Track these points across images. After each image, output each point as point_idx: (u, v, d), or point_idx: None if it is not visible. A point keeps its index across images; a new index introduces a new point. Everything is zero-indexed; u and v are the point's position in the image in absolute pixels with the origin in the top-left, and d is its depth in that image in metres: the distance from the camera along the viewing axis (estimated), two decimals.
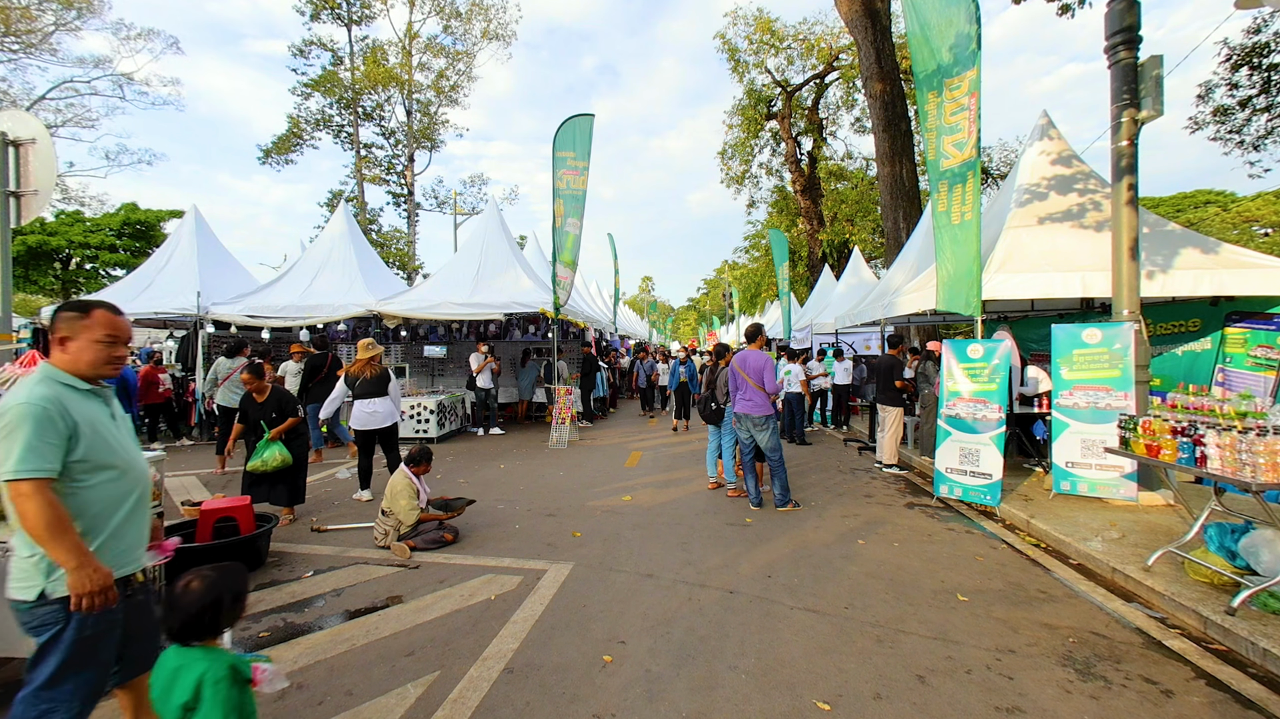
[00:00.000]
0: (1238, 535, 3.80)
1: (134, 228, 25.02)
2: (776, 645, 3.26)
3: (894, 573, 4.31)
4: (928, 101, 6.67)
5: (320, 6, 25.92)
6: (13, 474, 1.76)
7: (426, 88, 28.19)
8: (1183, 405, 4.10)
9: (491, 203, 13.29)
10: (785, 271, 16.77)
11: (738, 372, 6.14)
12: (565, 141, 10.48)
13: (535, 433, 11.38)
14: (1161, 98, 5.44)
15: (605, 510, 5.94)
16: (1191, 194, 36.03)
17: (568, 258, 10.73)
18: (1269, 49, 10.99)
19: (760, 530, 5.36)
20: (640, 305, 66.43)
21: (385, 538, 4.89)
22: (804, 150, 25.99)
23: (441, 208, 30.30)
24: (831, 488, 6.99)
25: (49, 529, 1.78)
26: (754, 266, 32.97)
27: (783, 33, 24.17)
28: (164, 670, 1.64)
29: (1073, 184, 7.35)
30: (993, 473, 5.89)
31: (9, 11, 19.94)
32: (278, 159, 27.32)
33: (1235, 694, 2.79)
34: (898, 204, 12.30)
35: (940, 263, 6.73)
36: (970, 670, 3.00)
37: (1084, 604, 3.80)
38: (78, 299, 2.13)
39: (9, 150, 4.75)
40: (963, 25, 6.04)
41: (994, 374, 6.04)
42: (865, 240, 23.96)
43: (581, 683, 2.90)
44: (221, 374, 8.30)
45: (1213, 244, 6.72)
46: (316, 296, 11.06)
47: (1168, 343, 7.55)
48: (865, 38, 12.78)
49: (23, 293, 24.70)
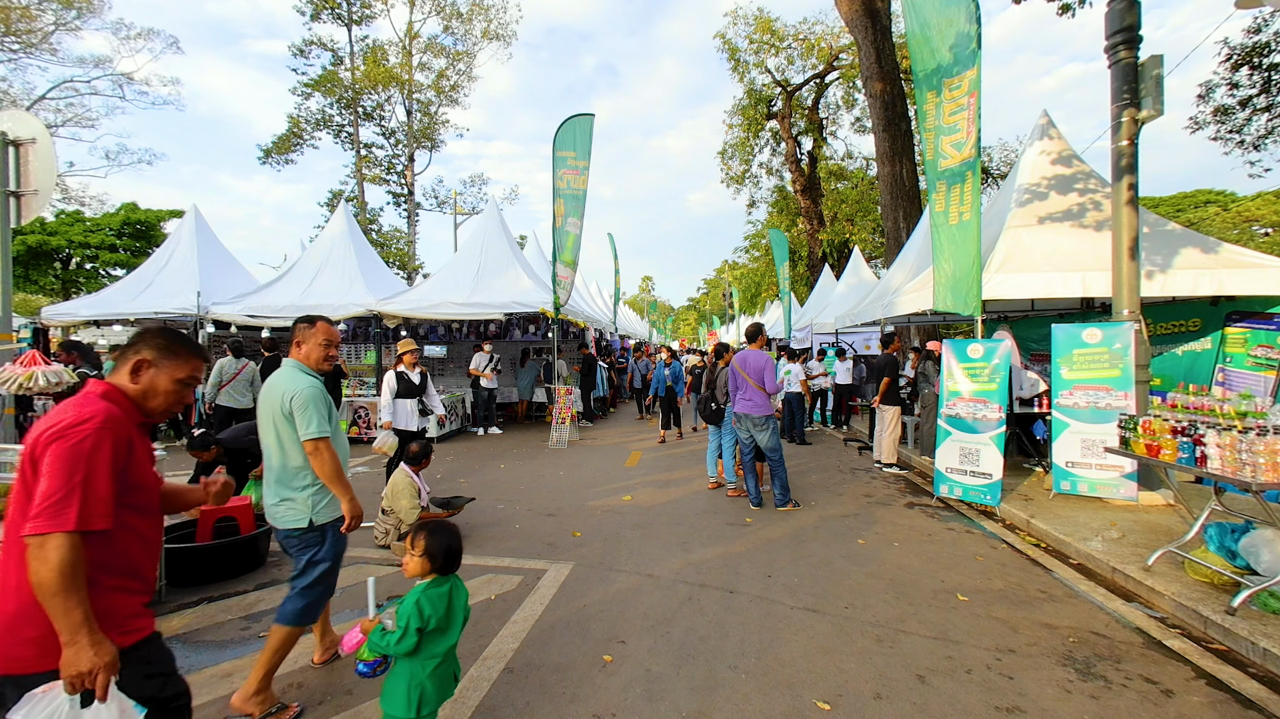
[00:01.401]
0: (1238, 535, 3.80)
1: (134, 228, 25.00)
2: (776, 645, 3.26)
3: (894, 573, 4.32)
4: (927, 101, 6.67)
5: (320, 6, 25.92)
6: (316, 434, 2.63)
7: (426, 88, 28.19)
8: (1183, 405, 4.10)
9: (491, 203, 13.29)
10: (786, 271, 16.78)
11: (738, 371, 6.14)
12: (565, 141, 10.48)
13: (535, 433, 11.38)
14: (1162, 97, 5.44)
15: (605, 510, 5.94)
16: (1191, 194, 36.00)
17: (568, 257, 10.74)
18: (1269, 49, 10.98)
19: (760, 530, 5.36)
20: (640, 305, 66.43)
21: (385, 537, 4.89)
22: (804, 150, 25.98)
23: (441, 208, 30.31)
24: (831, 488, 6.99)
25: (336, 473, 2.68)
26: (754, 266, 32.97)
27: (783, 32, 24.16)
28: (438, 594, 2.19)
29: (1073, 184, 7.35)
30: (993, 473, 5.89)
31: (9, 11, 19.94)
32: (278, 159, 27.32)
33: (1235, 694, 2.79)
34: (898, 204, 12.30)
35: (938, 263, 6.73)
36: (970, 670, 3.00)
37: (1084, 604, 3.80)
38: (308, 314, 2.87)
39: (9, 150, 4.76)
40: (963, 25, 6.04)
41: (994, 374, 6.04)
42: (865, 240, 23.96)
43: (581, 683, 2.90)
44: (226, 375, 8.24)
45: (1213, 244, 6.72)
46: (316, 296, 11.06)
47: (1168, 343, 7.55)
48: (865, 37, 12.77)
49: (23, 293, 24.69)
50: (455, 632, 2.16)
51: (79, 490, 1.46)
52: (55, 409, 1.62)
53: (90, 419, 1.54)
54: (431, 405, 6.77)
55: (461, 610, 2.17)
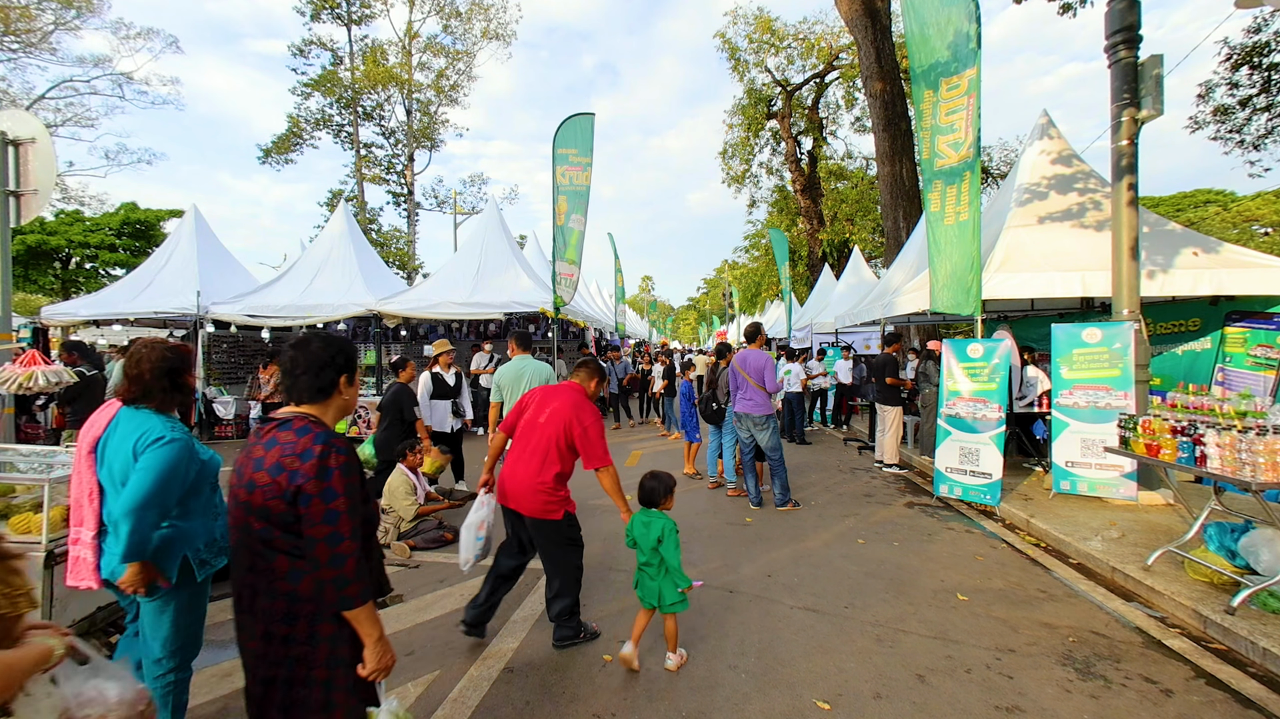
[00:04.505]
0: (1237, 535, 3.80)
1: (134, 227, 24.97)
2: (776, 645, 3.26)
3: (894, 572, 4.32)
4: (924, 100, 6.66)
5: (320, 6, 25.88)
6: None
7: (426, 87, 28.15)
8: (1182, 405, 4.10)
9: (491, 202, 13.28)
10: (787, 271, 16.77)
11: (738, 371, 6.14)
12: (566, 139, 10.44)
13: None
14: (1162, 97, 5.44)
15: (605, 510, 5.93)
16: (1191, 193, 35.98)
17: (571, 254, 10.66)
18: (1269, 48, 10.98)
19: (760, 530, 5.36)
20: (640, 305, 66.40)
21: (385, 536, 4.89)
22: (804, 150, 25.97)
23: (441, 207, 30.28)
24: (831, 487, 6.99)
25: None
26: (754, 266, 32.92)
27: (783, 32, 24.15)
28: (640, 522, 3.05)
29: (1073, 183, 7.34)
30: (993, 472, 5.89)
31: (9, 11, 19.92)
32: (278, 159, 27.28)
33: (1235, 693, 2.79)
34: (898, 204, 12.30)
35: (934, 263, 6.73)
36: (970, 670, 3.00)
37: (1084, 603, 3.80)
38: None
39: (9, 150, 4.76)
40: (962, 24, 6.04)
41: (994, 373, 6.04)
42: (865, 240, 23.93)
43: (581, 683, 2.90)
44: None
45: (1213, 243, 6.72)
46: (316, 296, 11.06)
47: (1168, 342, 7.55)
48: (865, 37, 12.77)
49: (22, 292, 24.67)
50: (642, 553, 3.02)
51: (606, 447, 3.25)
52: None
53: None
54: (464, 407, 6.74)
55: (644, 538, 2.99)
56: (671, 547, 2.93)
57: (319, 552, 1.56)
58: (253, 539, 1.61)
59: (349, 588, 1.59)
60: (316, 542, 1.56)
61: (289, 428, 1.65)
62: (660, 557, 2.94)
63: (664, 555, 2.93)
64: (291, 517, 1.58)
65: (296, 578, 1.60)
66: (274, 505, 1.58)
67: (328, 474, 1.58)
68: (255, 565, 1.63)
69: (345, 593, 1.59)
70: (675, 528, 2.99)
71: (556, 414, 3.19)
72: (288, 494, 1.57)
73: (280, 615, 1.61)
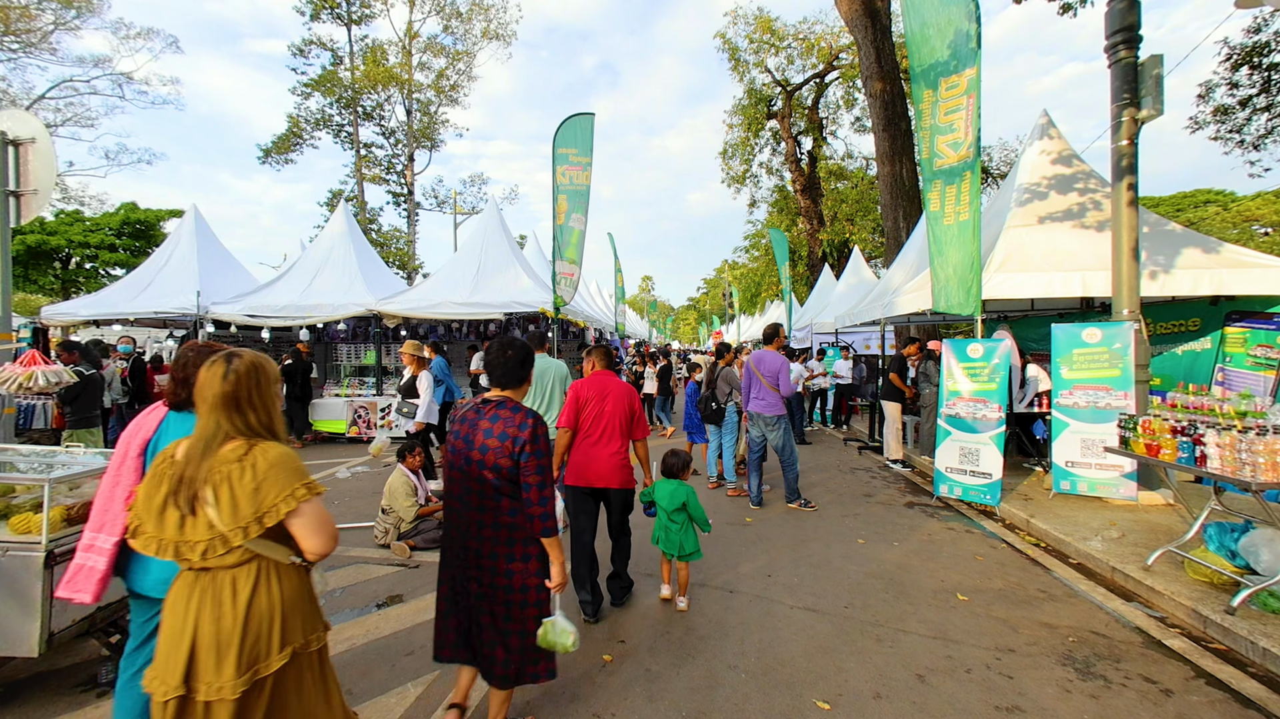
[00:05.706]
0: (1237, 535, 3.80)
1: (134, 227, 24.99)
2: (776, 645, 3.26)
3: (894, 572, 4.32)
4: (923, 99, 6.66)
5: (320, 6, 25.86)
6: None
7: (426, 87, 28.15)
8: (1182, 405, 4.10)
9: (491, 202, 13.28)
10: (787, 271, 16.76)
11: (753, 371, 6.13)
12: (566, 139, 10.43)
13: None
14: (1161, 97, 5.44)
15: None
16: (1191, 193, 35.96)
17: (572, 254, 10.65)
18: (1269, 48, 10.98)
19: (760, 530, 5.36)
20: (640, 305, 66.40)
21: (385, 536, 4.90)
22: (804, 150, 25.96)
23: (441, 207, 30.27)
24: (831, 487, 6.99)
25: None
26: (754, 266, 32.92)
27: (783, 32, 24.14)
28: (667, 489, 3.72)
29: (1073, 183, 7.34)
30: (993, 472, 5.89)
31: (9, 11, 19.92)
32: (278, 159, 27.27)
33: (1235, 693, 2.79)
34: (898, 204, 12.29)
35: (934, 263, 6.73)
36: (970, 670, 3.00)
37: (1084, 603, 3.80)
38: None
39: (9, 150, 4.75)
40: (962, 23, 6.03)
41: (994, 373, 6.04)
42: (865, 240, 23.92)
43: (581, 682, 2.91)
44: None
45: (1213, 243, 6.71)
46: (316, 296, 11.05)
47: (1168, 342, 7.55)
48: (865, 37, 12.76)
49: (23, 292, 24.65)
50: (663, 514, 3.73)
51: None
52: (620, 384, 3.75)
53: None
54: (415, 407, 6.73)
55: (670, 501, 3.69)
56: (695, 504, 3.71)
57: (531, 494, 2.25)
58: (485, 487, 2.27)
59: (550, 521, 2.28)
60: (530, 487, 2.24)
61: (505, 407, 2.35)
62: (686, 514, 3.68)
63: (690, 512, 3.68)
64: (514, 470, 2.25)
65: (515, 513, 2.29)
66: (503, 462, 2.24)
67: (537, 439, 2.27)
68: (484, 505, 2.29)
69: (547, 525, 2.28)
70: (694, 491, 3.78)
71: (618, 399, 3.65)
72: (514, 454, 2.24)
73: (503, 540, 2.29)
